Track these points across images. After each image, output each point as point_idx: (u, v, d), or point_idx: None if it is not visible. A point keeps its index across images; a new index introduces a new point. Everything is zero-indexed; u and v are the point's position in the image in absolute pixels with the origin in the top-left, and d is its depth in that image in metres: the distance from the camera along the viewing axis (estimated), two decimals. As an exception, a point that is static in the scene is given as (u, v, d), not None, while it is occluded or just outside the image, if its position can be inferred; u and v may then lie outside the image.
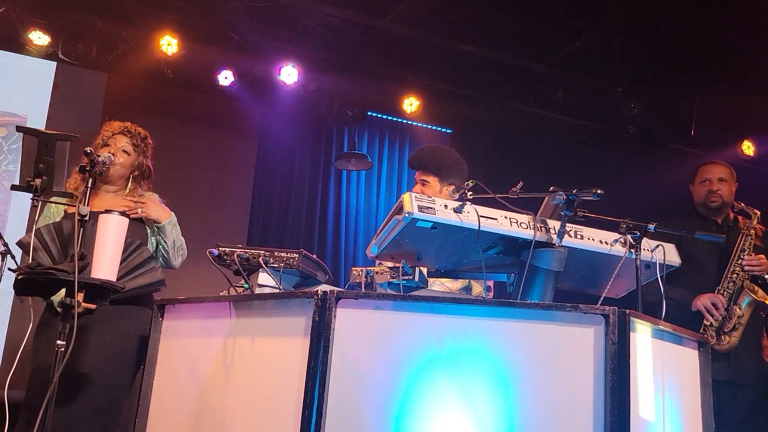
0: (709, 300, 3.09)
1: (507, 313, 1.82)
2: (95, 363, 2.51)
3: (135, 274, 2.38)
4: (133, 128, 2.86)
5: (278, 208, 6.03)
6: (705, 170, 3.41)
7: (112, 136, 2.81)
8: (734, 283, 3.13)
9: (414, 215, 1.97)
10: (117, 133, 2.82)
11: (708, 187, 3.35)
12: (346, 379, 1.81)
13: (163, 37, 5.00)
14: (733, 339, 3.04)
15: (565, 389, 1.76)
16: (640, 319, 1.85)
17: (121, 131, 2.83)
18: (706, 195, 3.34)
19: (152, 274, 2.42)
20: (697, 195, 3.41)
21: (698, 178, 3.42)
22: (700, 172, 3.43)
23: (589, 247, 2.17)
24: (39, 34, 4.89)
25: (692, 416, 2.13)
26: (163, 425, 2.27)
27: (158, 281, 2.45)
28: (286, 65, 5.31)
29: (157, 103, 5.50)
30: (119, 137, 2.82)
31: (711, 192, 3.33)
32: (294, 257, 2.21)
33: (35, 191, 2.07)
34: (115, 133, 2.82)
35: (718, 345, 3.03)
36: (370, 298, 1.88)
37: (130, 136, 2.83)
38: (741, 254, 3.15)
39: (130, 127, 2.85)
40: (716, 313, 3.05)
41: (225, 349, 2.13)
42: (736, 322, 3.05)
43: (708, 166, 3.43)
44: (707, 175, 3.38)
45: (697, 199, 3.41)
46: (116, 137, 2.82)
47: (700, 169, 3.44)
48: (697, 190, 3.42)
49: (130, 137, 2.83)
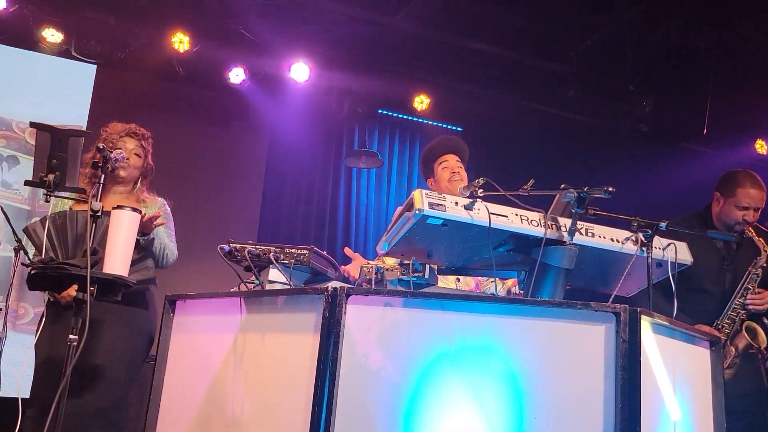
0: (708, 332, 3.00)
1: (517, 311, 1.82)
2: (102, 360, 2.53)
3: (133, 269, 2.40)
4: (139, 130, 2.87)
5: (289, 206, 6.05)
6: (748, 196, 3.07)
7: (120, 139, 2.81)
8: (733, 321, 3.04)
9: (424, 212, 1.96)
10: (124, 136, 2.82)
11: (744, 215, 3.07)
12: (356, 375, 1.81)
13: (175, 35, 5.03)
14: (727, 373, 2.95)
15: (576, 387, 1.75)
16: (652, 318, 1.84)
17: (127, 133, 2.83)
18: (738, 222, 3.08)
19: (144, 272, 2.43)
20: (727, 215, 3.11)
21: (736, 199, 3.08)
22: (741, 195, 3.07)
23: (600, 245, 2.16)
24: (52, 31, 4.93)
25: (703, 416, 2.12)
26: (174, 421, 2.28)
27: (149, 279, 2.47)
28: (297, 62, 5.32)
29: (168, 100, 5.54)
30: (128, 140, 2.83)
31: (746, 222, 3.07)
32: (304, 253, 2.21)
33: (48, 187, 2.09)
34: (122, 135, 2.82)
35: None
36: (380, 295, 1.87)
37: (137, 138, 2.84)
38: (744, 292, 3.04)
39: (136, 129, 2.86)
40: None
41: (235, 344, 2.14)
42: (731, 362, 3.01)
43: (752, 191, 3.07)
44: (749, 202, 3.07)
45: (725, 218, 3.12)
46: (124, 140, 2.82)
47: (742, 192, 3.07)
48: (729, 211, 3.10)
49: (137, 139, 2.84)
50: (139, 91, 5.26)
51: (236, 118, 5.83)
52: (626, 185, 3.56)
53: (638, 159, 6.01)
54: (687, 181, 5.19)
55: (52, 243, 2.21)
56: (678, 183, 5.48)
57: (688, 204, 3.49)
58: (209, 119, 5.82)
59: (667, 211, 2.92)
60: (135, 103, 5.11)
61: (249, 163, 6.00)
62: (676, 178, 5.66)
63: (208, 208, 5.49)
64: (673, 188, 5.57)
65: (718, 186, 3.21)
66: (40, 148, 2.12)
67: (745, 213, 3.08)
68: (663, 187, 5.76)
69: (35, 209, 5.12)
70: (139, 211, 2.17)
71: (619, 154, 6.03)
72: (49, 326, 2.53)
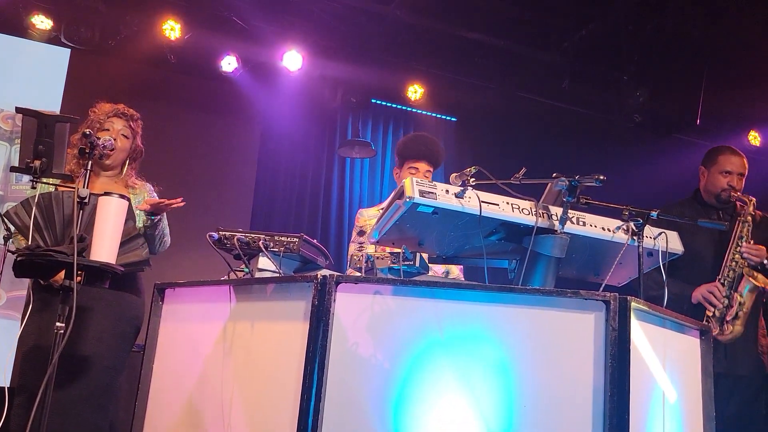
0: (708, 290, 3.03)
1: (508, 299, 1.81)
2: (89, 346, 2.51)
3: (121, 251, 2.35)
4: (127, 110, 2.83)
5: (281, 196, 6.02)
6: (729, 161, 3.20)
7: (108, 119, 2.78)
8: (734, 271, 3.05)
9: (415, 200, 1.95)
10: (111, 116, 2.79)
11: (729, 181, 3.17)
12: (346, 363, 1.80)
13: (166, 22, 4.98)
14: (736, 328, 2.97)
15: (565, 375, 1.75)
16: (642, 306, 1.84)
17: (115, 114, 2.79)
18: (723, 188, 3.18)
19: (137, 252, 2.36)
20: (712, 184, 3.22)
21: (719, 166, 3.21)
22: (722, 161, 3.21)
23: (591, 234, 2.15)
24: (42, 18, 4.88)
25: (693, 404, 2.12)
26: (163, 409, 2.27)
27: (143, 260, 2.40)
28: (290, 51, 5.28)
29: (159, 88, 5.49)
30: (116, 120, 2.79)
31: (732, 188, 3.16)
32: (294, 241, 2.20)
33: (34, 173, 2.06)
34: (110, 115, 2.78)
35: (721, 335, 2.98)
36: (370, 283, 1.87)
37: (125, 119, 2.80)
38: (739, 242, 3.07)
39: (124, 110, 2.82)
40: (717, 302, 3.00)
41: (225, 333, 2.13)
42: (737, 310, 2.98)
43: (733, 157, 3.22)
44: (730, 167, 3.19)
45: (711, 187, 3.23)
46: (112, 120, 2.78)
47: (723, 158, 3.22)
48: (714, 179, 3.22)
49: (125, 120, 2.80)
50: (129, 78, 5.20)
51: (228, 106, 5.79)
52: (620, 175, 3.55)
53: (632, 149, 6.00)
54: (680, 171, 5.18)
55: (39, 227, 2.18)
56: (671, 173, 5.48)
57: (681, 195, 3.50)
58: (201, 108, 5.77)
59: (661, 202, 2.92)
60: (126, 90, 5.04)
61: (241, 152, 5.97)
62: (670, 169, 5.66)
63: (199, 197, 5.45)
64: (666, 179, 5.57)
65: (702, 161, 3.35)
66: (27, 134, 2.09)
67: (729, 178, 3.20)
68: (656, 178, 5.76)
69: (8, 194, 5.06)
70: (127, 198, 2.14)
71: (613, 145, 6.02)
72: (36, 313, 2.51)
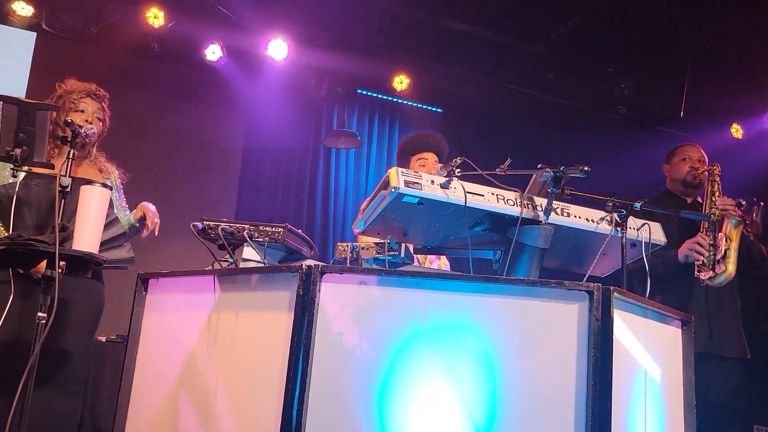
0: (693, 241, 3.08)
1: (492, 289, 1.82)
2: (62, 333, 2.51)
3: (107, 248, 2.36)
4: (99, 91, 2.80)
5: (267, 186, 5.99)
6: (685, 149, 3.50)
7: (81, 100, 2.74)
8: (713, 222, 3.12)
9: (400, 190, 1.95)
10: (84, 96, 2.75)
11: (690, 164, 3.41)
12: (331, 353, 1.80)
13: (150, 10, 4.92)
14: (729, 267, 2.99)
15: (549, 364, 1.77)
16: (624, 296, 1.85)
17: (88, 94, 2.75)
18: (688, 171, 3.40)
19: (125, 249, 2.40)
20: (677, 172, 3.46)
21: (677, 156, 3.50)
22: (680, 151, 3.51)
23: (575, 225, 2.17)
24: (22, 4, 4.80)
25: (674, 393, 2.15)
26: (146, 399, 2.26)
27: (129, 258, 2.44)
28: (275, 40, 5.23)
29: (143, 77, 5.42)
30: (89, 102, 2.75)
31: (694, 168, 3.39)
32: (279, 231, 2.19)
33: (15, 161, 2.04)
34: (82, 96, 2.74)
35: (716, 277, 3.00)
36: (355, 273, 1.86)
37: (98, 100, 2.77)
38: (712, 197, 3.19)
39: (96, 90, 2.78)
40: (703, 250, 3.03)
41: (209, 323, 2.12)
42: (725, 248, 3.02)
43: (688, 147, 3.52)
44: (688, 154, 3.46)
45: (677, 175, 3.46)
46: (85, 101, 2.74)
47: (680, 149, 3.52)
48: (677, 168, 3.47)
49: (98, 101, 2.77)
50: (112, 66, 5.13)
51: (213, 96, 5.74)
52: (604, 167, 3.60)
53: (616, 141, 6.04)
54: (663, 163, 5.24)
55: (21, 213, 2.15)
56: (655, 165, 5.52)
57: (664, 186, 3.59)
58: (185, 97, 5.72)
59: (644, 194, 2.94)
60: (108, 78, 4.95)
61: (226, 142, 5.92)
62: (653, 161, 5.71)
63: (184, 187, 5.41)
64: (649, 170, 5.62)
65: (664, 162, 3.61)
66: (7, 122, 2.06)
67: (690, 161, 3.43)
68: (640, 170, 5.80)
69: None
70: (109, 188, 2.12)
71: (598, 136, 6.06)
72: (18, 300, 2.48)
